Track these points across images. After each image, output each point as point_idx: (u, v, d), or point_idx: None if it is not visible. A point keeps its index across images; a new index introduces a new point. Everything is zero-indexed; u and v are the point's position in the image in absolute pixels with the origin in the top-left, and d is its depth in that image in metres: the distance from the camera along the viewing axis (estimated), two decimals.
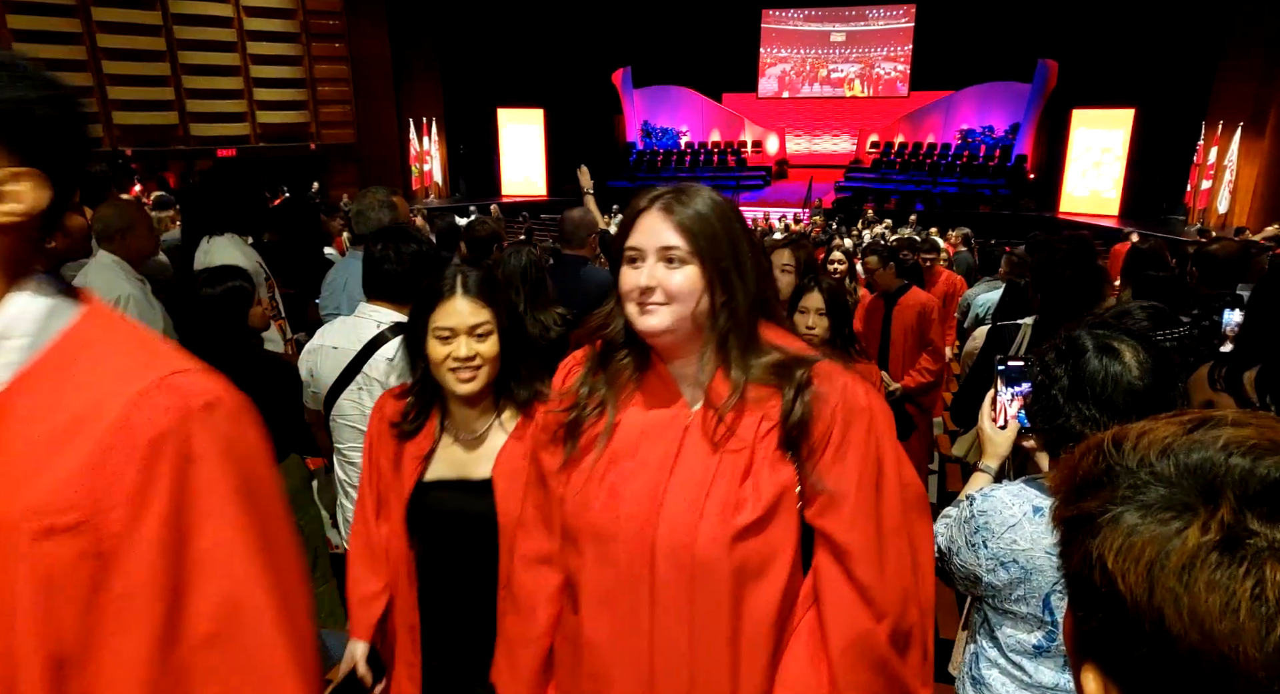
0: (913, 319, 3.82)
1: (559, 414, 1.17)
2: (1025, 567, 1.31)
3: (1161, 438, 0.52)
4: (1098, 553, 0.49)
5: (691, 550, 1.04)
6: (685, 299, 1.04)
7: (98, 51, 13.65)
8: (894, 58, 20.22)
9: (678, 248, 1.04)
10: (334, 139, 16.83)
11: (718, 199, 1.10)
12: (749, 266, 1.08)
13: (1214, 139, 14.21)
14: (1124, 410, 1.23)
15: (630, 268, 1.08)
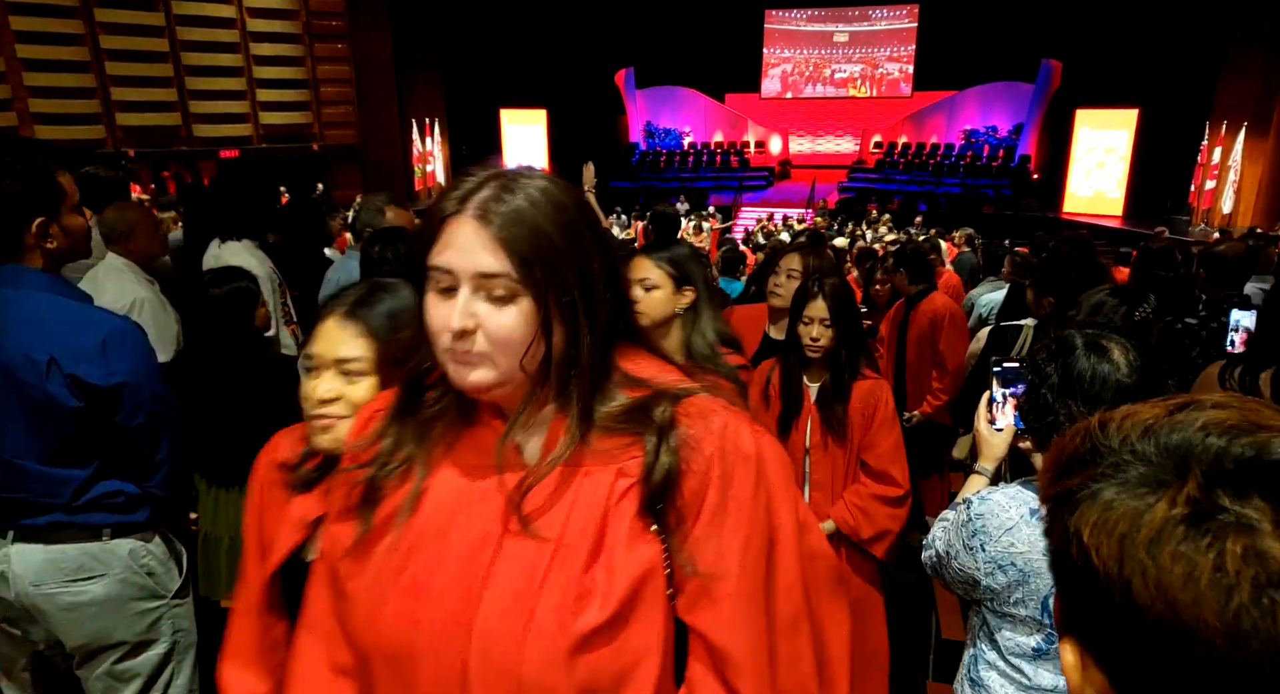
0: (925, 326, 3.68)
1: (352, 474, 0.87)
2: (1023, 569, 1.31)
3: (1144, 419, 0.53)
4: (1075, 527, 0.51)
5: (517, 673, 0.75)
6: (516, 347, 0.77)
7: (100, 53, 13.68)
8: (897, 58, 20.20)
9: (503, 276, 0.75)
10: (336, 140, 16.86)
11: (556, 193, 0.80)
12: (601, 288, 0.80)
13: (1218, 139, 14.17)
14: (1112, 408, 1.22)
15: (439, 298, 0.78)
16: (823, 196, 17.67)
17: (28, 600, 1.65)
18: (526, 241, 0.75)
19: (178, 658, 1.82)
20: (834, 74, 20.86)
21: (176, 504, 1.79)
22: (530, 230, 0.76)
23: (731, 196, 18.24)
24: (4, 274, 1.57)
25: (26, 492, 1.60)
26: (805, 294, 2.23)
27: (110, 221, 2.84)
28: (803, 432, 2.27)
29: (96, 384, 1.56)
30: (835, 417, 2.21)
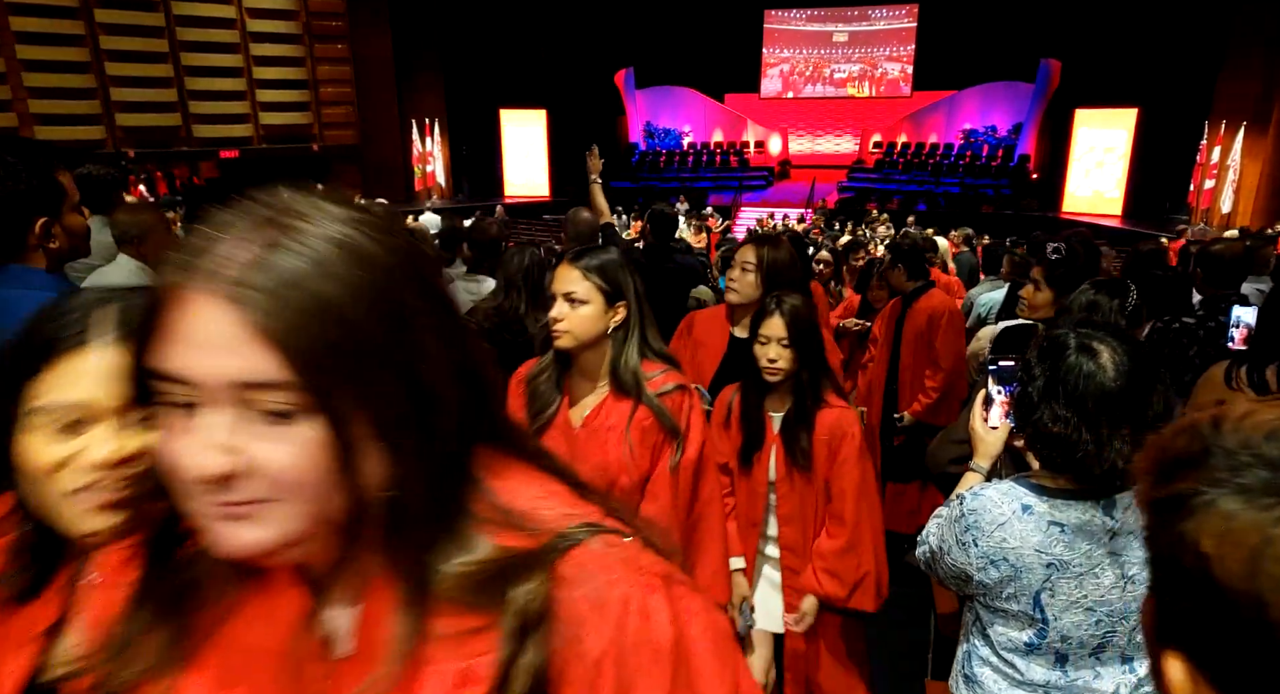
0: (922, 325, 3.55)
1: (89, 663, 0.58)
2: (1015, 564, 1.33)
3: (1268, 420, 0.50)
4: (1191, 536, 0.47)
5: None
6: (304, 491, 0.50)
7: (100, 53, 13.70)
8: (897, 58, 20.20)
9: (274, 386, 0.48)
10: (336, 140, 16.87)
11: (360, 241, 0.50)
12: (442, 384, 0.53)
13: (1217, 138, 14.17)
14: (1094, 412, 1.24)
15: (178, 418, 0.50)
16: (822, 196, 17.68)
17: None
18: (312, 328, 0.47)
19: None
20: (833, 74, 20.87)
21: None
22: (318, 309, 0.47)
23: (731, 196, 18.24)
24: (8, 275, 1.56)
25: None
26: (762, 311, 2.07)
27: (124, 223, 2.85)
28: (765, 464, 2.13)
29: None
30: (800, 448, 2.05)
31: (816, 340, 2.07)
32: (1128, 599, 1.33)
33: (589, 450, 1.68)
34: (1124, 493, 1.33)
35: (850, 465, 2.08)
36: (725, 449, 2.15)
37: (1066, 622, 1.34)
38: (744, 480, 2.17)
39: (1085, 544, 1.31)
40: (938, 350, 3.53)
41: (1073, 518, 1.31)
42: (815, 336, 2.07)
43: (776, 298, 2.06)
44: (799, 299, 2.06)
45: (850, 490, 2.08)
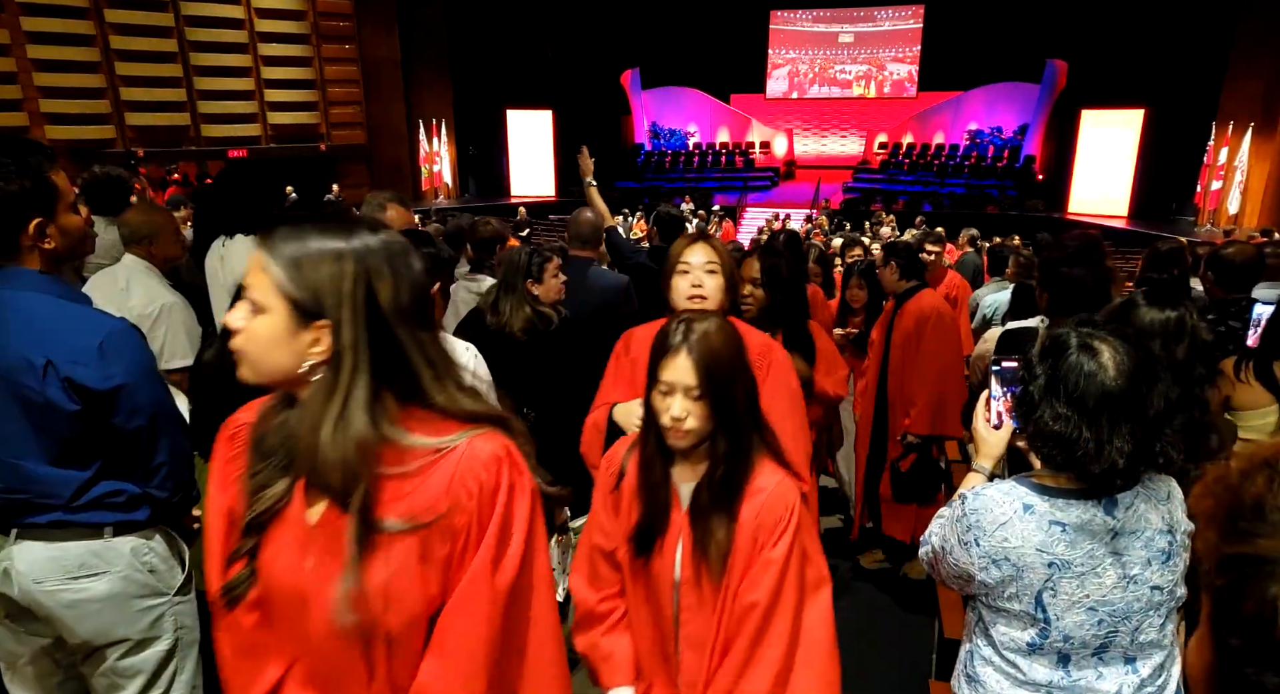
0: (910, 328, 3.36)
1: None
2: (1017, 564, 1.33)
3: None
4: None
5: None
6: None
7: (110, 53, 13.78)
8: (902, 58, 20.17)
9: None
10: (344, 140, 16.92)
11: None
12: None
13: (1224, 139, 14.13)
14: (1094, 410, 1.25)
15: None
16: (827, 197, 17.67)
17: (30, 598, 1.65)
18: None
19: (180, 654, 1.82)
20: (838, 74, 20.84)
21: (178, 503, 1.78)
22: None
23: (736, 197, 18.24)
24: (2, 276, 1.56)
25: (27, 492, 1.60)
26: (663, 346, 1.44)
27: (133, 224, 2.84)
28: (670, 556, 1.49)
29: (94, 387, 1.55)
30: (714, 540, 1.44)
31: (742, 386, 1.46)
32: (1130, 599, 1.34)
33: (331, 563, 0.96)
34: (1125, 492, 1.33)
35: (772, 574, 1.42)
36: (613, 530, 1.56)
37: (1069, 621, 1.34)
38: (640, 579, 1.53)
39: (1087, 543, 1.32)
40: (922, 355, 3.32)
41: (1074, 517, 1.32)
42: (739, 382, 1.45)
43: (684, 324, 1.44)
44: (717, 326, 1.45)
45: (770, 614, 1.42)
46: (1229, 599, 0.48)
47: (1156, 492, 1.37)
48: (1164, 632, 1.38)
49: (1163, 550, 1.34)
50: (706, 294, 1.94)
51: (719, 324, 1.46)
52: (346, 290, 0.94)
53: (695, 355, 1.41)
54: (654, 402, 1.46)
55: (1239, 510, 0.48)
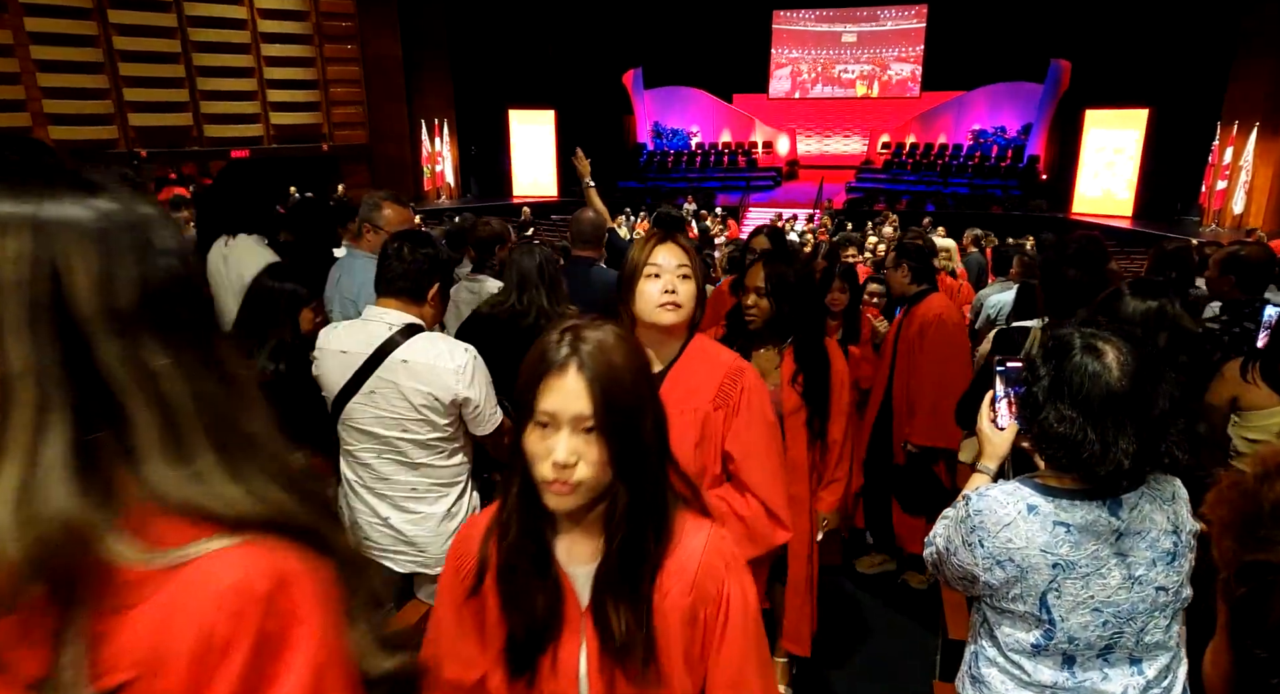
0: (914, 333, 3.24)
1: None
2: (1021, 565, 1.33)
3: None
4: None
5: None
6: None
7: (114, 54, 13.80)
8: (905, 58, 20.14)
9: None
10: (346, 140, 16.94)
11: None
12: None
13: (1229, 139, 14.09)
14: (1099, 412, 1.25)
15: None
16: (829, 197, 17.65)
17: None
18: None
19: None
20: (842, 74, 20.82)
21: None
22: None
23: (739, 197, 18.24)
24: None
25: None
26: (541, 363, 1.02)
27: None
28: (569, 675, 1.07)
29: None
30: (633, 638, 1.02)
31: (650, 418, 1.05)
32: (1135, 600, 1.33)
33: None
34: (1130, 492, 1.33)
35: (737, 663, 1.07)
36: (474, 653, 1.13)
37: (1073, 622, 1.34)
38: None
39: (1091, 544, 1.31)
40: (923, 361, 3.21)
41: (1079, 518, 1.31)
42: (646, 412, 1.04)
43: (571, 333, 1.03)
44: (615, 336, 1.05)
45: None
46: (1251, 609, 0.46)
47: (1161, 492, 1.36)
48: (1169, 633, 1.38)
49: (1168, 551, 1.33)
50: (681, 302, 1.69)
51: (618, 334, 1.05)
52: (9, 279, 0.56)
53: (589, 374, 0.98)
54: (528, 445, 1.01)
55: (1258, 517, 0.47)
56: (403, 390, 2.02)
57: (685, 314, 1.71)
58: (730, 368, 1.76)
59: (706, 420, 1.73)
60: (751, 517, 1.75)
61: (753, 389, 1.76)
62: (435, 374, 2.02)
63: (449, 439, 2.12)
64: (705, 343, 1.81)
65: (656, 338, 1.74)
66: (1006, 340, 2.34)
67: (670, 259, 1.70)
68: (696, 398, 1.73)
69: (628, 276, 1.73)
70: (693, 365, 1.75)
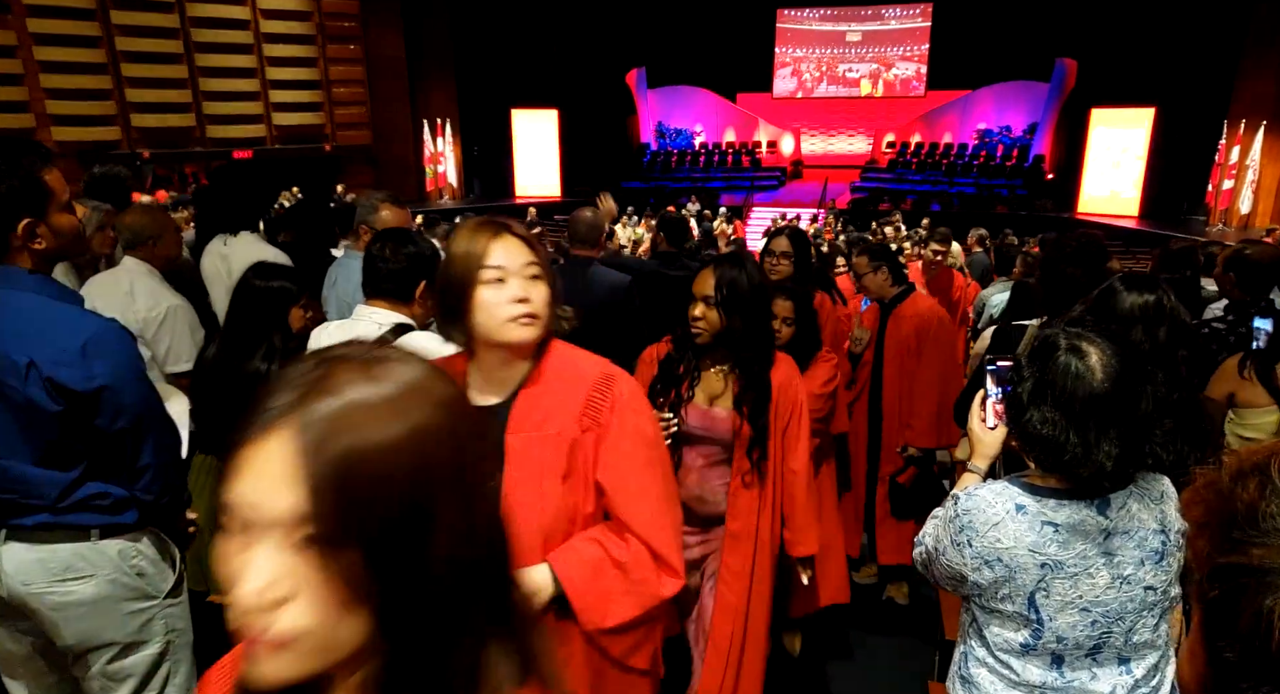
0: (909, 334, 3.12)
1: None
2: (1009, 565, 1.31)
3: None
4: None
5: None
6: None
7: (117, 55, 13.86)
8: (910, 57, 20.09)
9: None
10: (349, 140, 16.98)
11: None
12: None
13: (1236, 138, 14.01)
14: (1081, 414, 1.24)
15: None
16: (834, 197, 17.62)
17: (19, 598, 1.64)
18: None
19: (173, 657, 1.80)
20: (846, 73, 20.78)
21: (167, 505, 1.76)
22: None
23: (743, 197, 18.22)
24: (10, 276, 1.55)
25: (13, 492, 1.59)
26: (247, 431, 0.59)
27: (135, 226, 2.81)
28: None
29: (76, 388, 1.53)
30: None
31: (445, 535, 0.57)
32: (1123, 599, 1.31)
33: None
34: (1118, 492, 1.31)
35: None
36: None
37: (1061, 622, 1.32)
38: None
39: (1079, 544, 1.30)
40: (925, 364, 3.12)
41: (1066, 518, 1.30)
42: (438, 523, 0.56)
43: (321, 365, 0.58)
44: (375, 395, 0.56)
45: None
46: (1223, 611, 0.46)
47: (1149, 491, 1.35)
48: (1158, 632, 1.36)
49: (1156, 550, 1.32)
50: (538, 311, 1.32)
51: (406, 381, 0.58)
52: None
53: (311, 448, 0.54)
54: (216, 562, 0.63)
55: (1232, 518, 0.46)
56: None
57: (544, 327, 1.34)
58: (598, 378, 1.40)
59: (575, 447, 1.36)
60: (632, 562, 1.36)
61: (626, 403, 1.40)
62: None
63: None
64: (564, 352, 1.43)
65: (502, 359, 1.36)
66: (1004, 338, 2.32)
67: (514, 256, 1.31)
68: (558, 420, 1.36)
69: (455, 282, 1.30)
70: (551, 382, 1.38)
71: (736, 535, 2.08)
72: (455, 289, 1.31)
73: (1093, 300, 1.88)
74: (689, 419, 2.09)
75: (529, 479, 1.34)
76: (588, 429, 1.38)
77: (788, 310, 2.57)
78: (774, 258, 3.08)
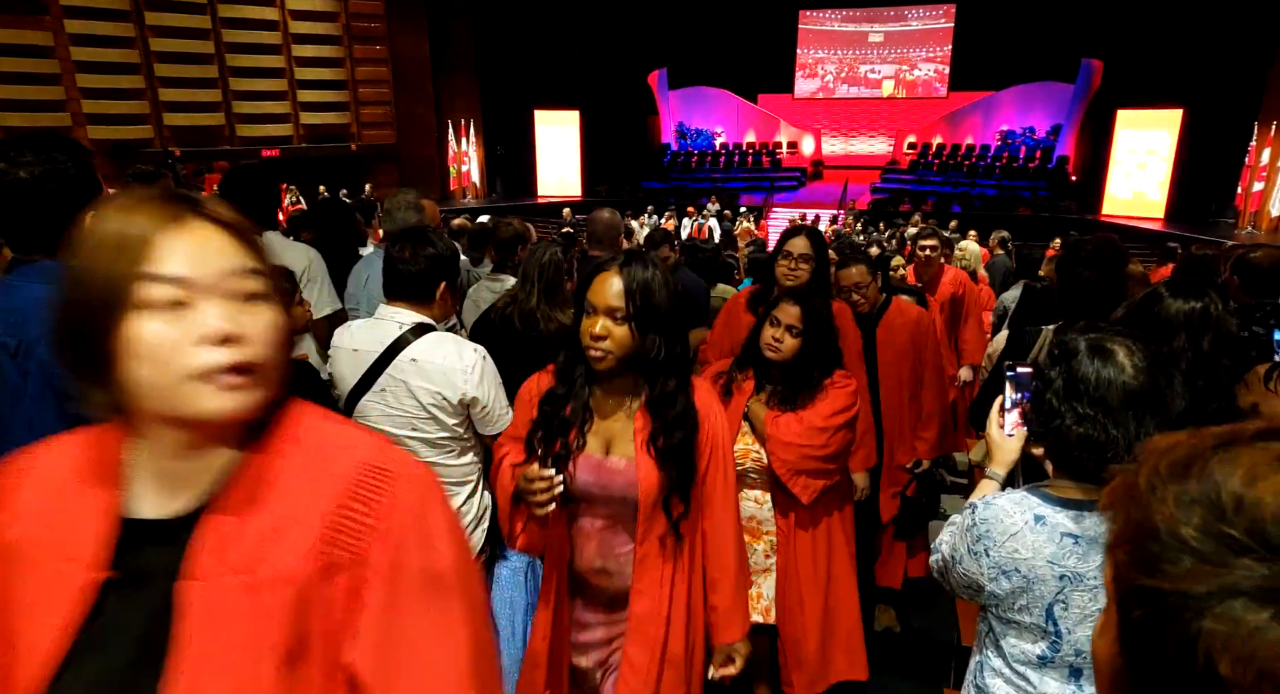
0: (905, 343, 2.90)
1: None
2: (1027, 576, 1.31)
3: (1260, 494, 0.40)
4: (1204, 647, 0.40)
5: None
6: None
7: (150, 55, 14.10)
8: (933, 58, 19.93)
9: None
10: (374, 140, 17.15)
11: None
12: None
13: (1267, 139, 13.75)
14: (1120, 408, 1.23)
15: None
16: (854, 197, 17.52)
17: None
18: None
19: None
20: (868, 74, 20.65)
21: None
22: None
23: (763, 197, 18.16)
24: (43, 270, 1.58)
25: None
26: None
27: None
28: None
29: None
30: None
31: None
32: None
33: None
34: None
35: None
36: None
37: (1080, 635, 1.31)
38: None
39: (1099, 556, 1.28)
40: (930, 370, 2.93)
41: (1087, 529, 1.28)
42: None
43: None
44: None
45: None
46: (1146, 633, 0.43)
47: None
48: None
49: None
50: (254, 359, 0.74)
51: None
52: None
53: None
54: None
55: (1151, 533, 0.43)
56: (412, 389, 2.04)
57: (267, 387, 0.78)
58: (357, 474, 0.79)
59: (306, 605, 0.75)
60: None
61: (406, 519, 0.79)
62: (443, 374, 2.03)
63: (458, 439, 2.14)
64: (302, 429, 0.82)
65: (183, 444, 0.76)
66: (1018, 342, 2.29)
67: (209, 259, 0.74)
68: (279, 554, 0.75)
69: (89, 305, 0.71)
70: (273, 484, 0.78)
71: (642, 619, 1.61)
72: (89, 317, 0.71)
73: (1137, 305, 1.85)
74: (580, 475, 1.59)
75: (221, 667, 0.72)
76: (333, 571, 0.76)
77: (794, 317, 2.20)
78: (792, 261, 2.67)
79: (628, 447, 1.59)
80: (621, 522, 1.64)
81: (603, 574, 1.67)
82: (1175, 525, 0.42)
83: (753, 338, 2.31)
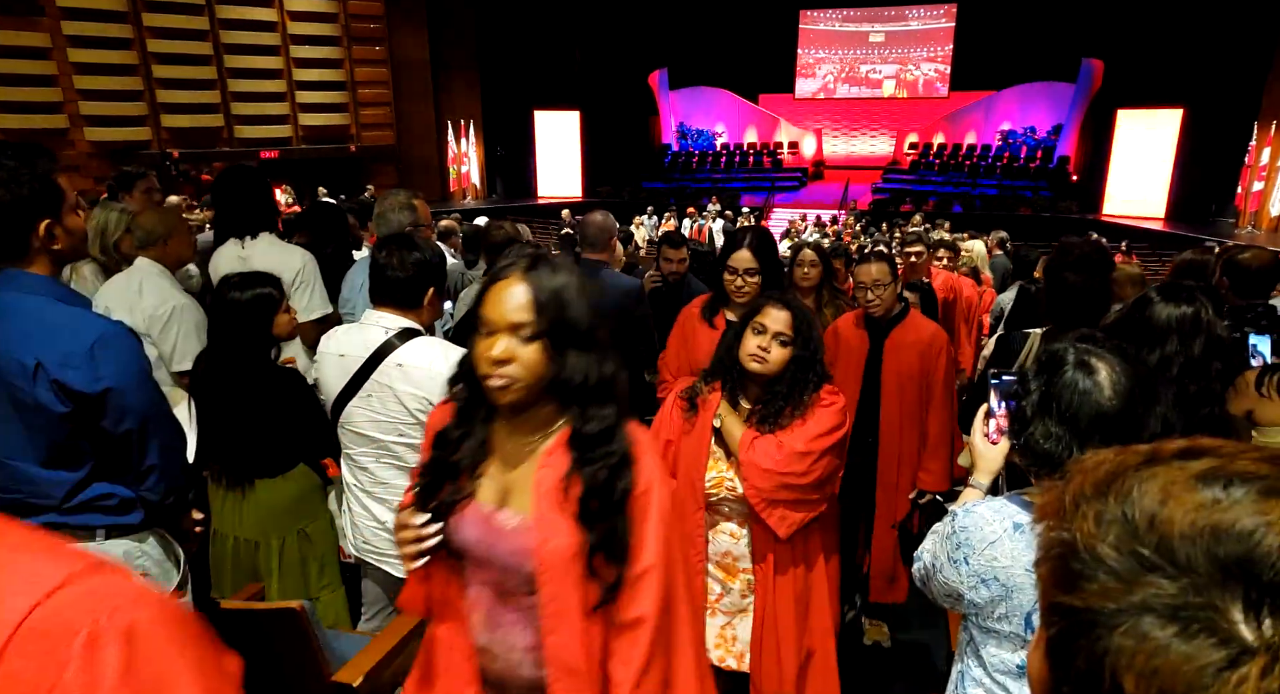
0: (913, 363, 2.67)
1: None
2: (1006, 584, 1.29)
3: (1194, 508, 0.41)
4: (1111, 668, 0.40)
5: None
6: None
7: (148, 56, 14.10)
8: (934, 58, 19.90)
9: None
10: (374, 141, 17.14)
11: None
12: None
13: (1267, 139, 13.73)
14: (1087, 431, 1.21)
15: None
16: (855, 198, 17.50)
17: None
18: None
19: None
20: (869, 74, 20.63)
21: (172, 506, 1.78)
22: None
23: (764, 197, 18.15)
24: (4, 278, 1.58)
25: (20, 492, 1.61)
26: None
27: (146, 226, 2.85)
28: None
29: (83, 390, 1.56)
30: None
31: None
32: None
33: None
34: None
35: None
36: None
37: None
38: None
39: None
40: (938, 398, 2.69)
41: None
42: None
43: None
44: None
45: None
46: (1061, 648, 0.44)
47: None
48: None
49: None
50: None
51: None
52: None
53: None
54: None
55: (1071, 548, 0.44)
56: (397, 394, 2.03)
57: None
58: None
59: None
60: None
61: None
62: (429, 378, 2.02)
63: None
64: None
65: None
66: (1005, 347, 2.28)
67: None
68: None
69: None
70: None
71: None
72: None
73: (1128, 310, 1.84)
74: (463, 529, 1.27)
75: None
76: None
77: (784, 324, 1.95)
78: (738, 277, 2.60)
79: (524, 500, 1.24)
80: (511, 595, 1.26)
81: (485, 654, 1.30)
82: (1093, 543, 0.42)
83: (723, 349, 2.06)
